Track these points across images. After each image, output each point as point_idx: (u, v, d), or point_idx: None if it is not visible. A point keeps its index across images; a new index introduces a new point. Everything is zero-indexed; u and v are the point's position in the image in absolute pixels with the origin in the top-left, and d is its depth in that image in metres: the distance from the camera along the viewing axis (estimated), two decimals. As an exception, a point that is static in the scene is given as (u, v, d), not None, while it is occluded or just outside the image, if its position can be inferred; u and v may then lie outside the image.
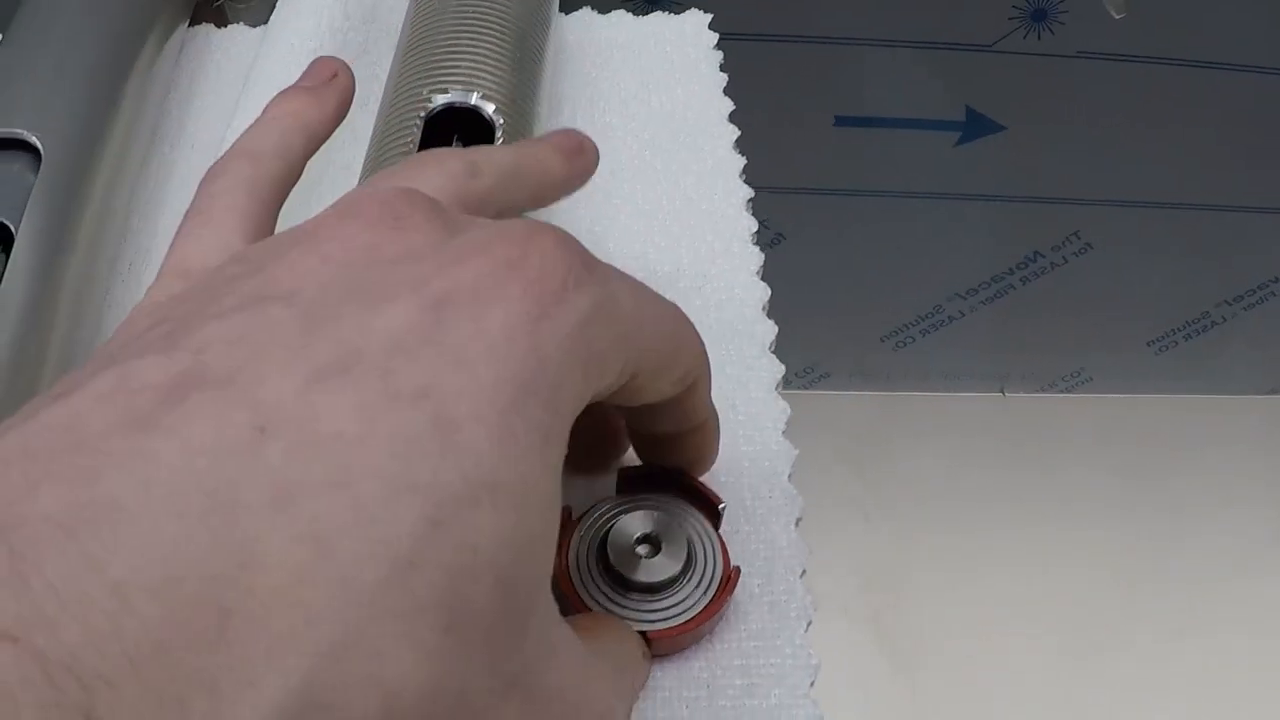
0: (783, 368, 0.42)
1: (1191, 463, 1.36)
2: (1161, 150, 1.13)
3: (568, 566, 0.33)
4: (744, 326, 0.42)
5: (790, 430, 0.42)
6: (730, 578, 0.33)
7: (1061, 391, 1.38)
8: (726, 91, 0.51)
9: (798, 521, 0.39)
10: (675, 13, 0.56)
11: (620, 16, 0.55)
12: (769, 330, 0.42)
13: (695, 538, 0.34)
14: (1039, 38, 1.02)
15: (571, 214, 0.45)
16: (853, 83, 1.03)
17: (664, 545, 0.33)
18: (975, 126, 1.08)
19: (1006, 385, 1.37)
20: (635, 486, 0.35)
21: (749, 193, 0.47)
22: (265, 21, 0.51)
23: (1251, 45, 1.05)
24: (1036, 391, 1.38)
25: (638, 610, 0.33)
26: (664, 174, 0.47)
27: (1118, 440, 1.36)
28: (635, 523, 0.34)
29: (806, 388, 1.27)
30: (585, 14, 0.55)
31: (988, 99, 1.07)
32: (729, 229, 0.45)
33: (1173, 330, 1.33)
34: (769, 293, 0.44)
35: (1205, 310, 1.31)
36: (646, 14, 0.56)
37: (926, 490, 1.26)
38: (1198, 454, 1.37)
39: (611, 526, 0.34)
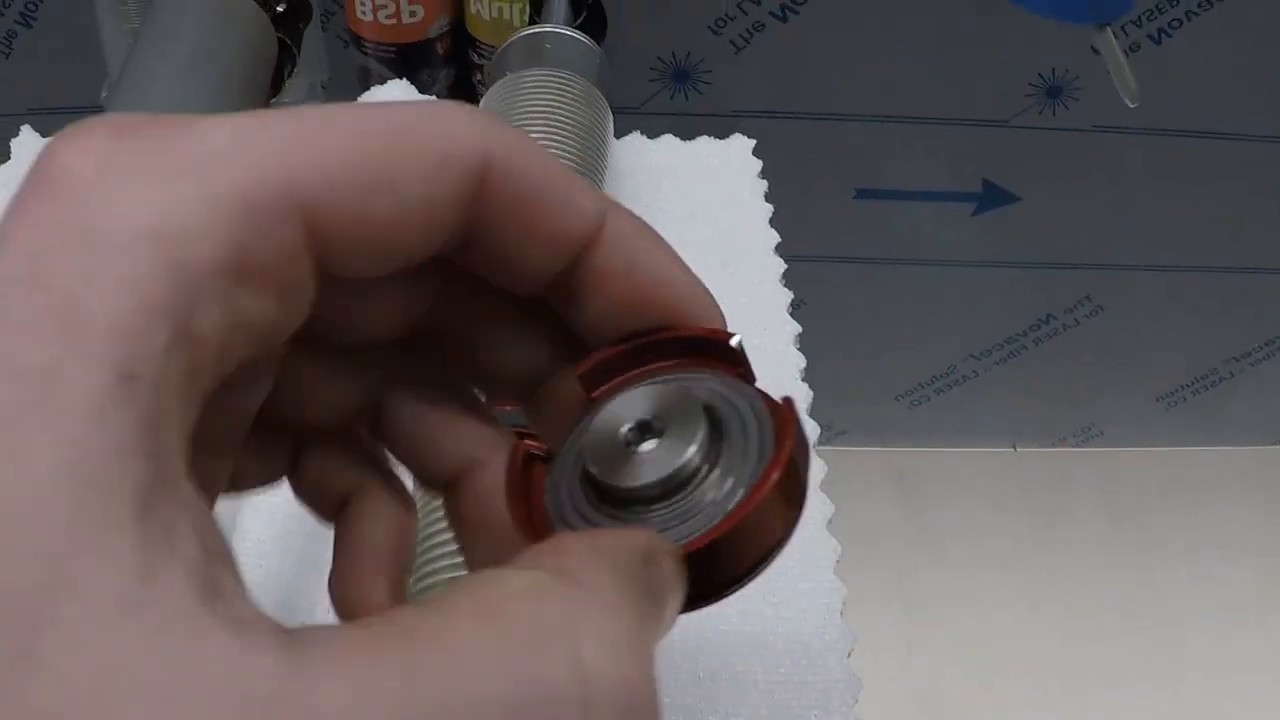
0: (832, 506, 0.45)
1: (1200, 512, 1.39)
2: (1170, 215, 1.16)
3: (546, 516, 0.24)
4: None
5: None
6: (785, 414, 0.22)
7: (1072, 446, 1.41)
8: (768, 213, 0.55)
9: (849, 654, 0.42)
10: (720, 137, 0.59)
11: (669, 142, 0.58)
12: (819, 468, 0.45)
13: (714, 396, 0.24)
14: (1054, 113, 1.05)
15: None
16: (873, 157, 1.07)
17: (670, 423, 0.23)
18: (992, 197, 1.11)
19: (1018, 441, 1.40)
20: (609, 377, 0.25)
21: (797, 328, 0.50)
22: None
23: (1253, 115, 1.09)
24: (1047, 446, 1.41)
25: (666, 522, 0.22)
26: (716, 307, 0.50)
27: (1127, 492, 1.39)
28: (618, 413, 0.24)
29: (824, 444, 1.30)
30: (636, 139, 0.58)
31: (1004, 171, 1.10)
32: (779, 365, 0.48)
33: (1181, 386, 1.36)
34: (819, 430, 0.47)
35: (1213, 366, 1.34)
36: (693, 138, 0.59)
37: (939, 542, 1.29)
38: (1206, 503, 1.40)
39: (585, 434, 0.24)
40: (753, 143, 0.58)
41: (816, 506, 0.45)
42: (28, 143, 0.58)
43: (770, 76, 0.99)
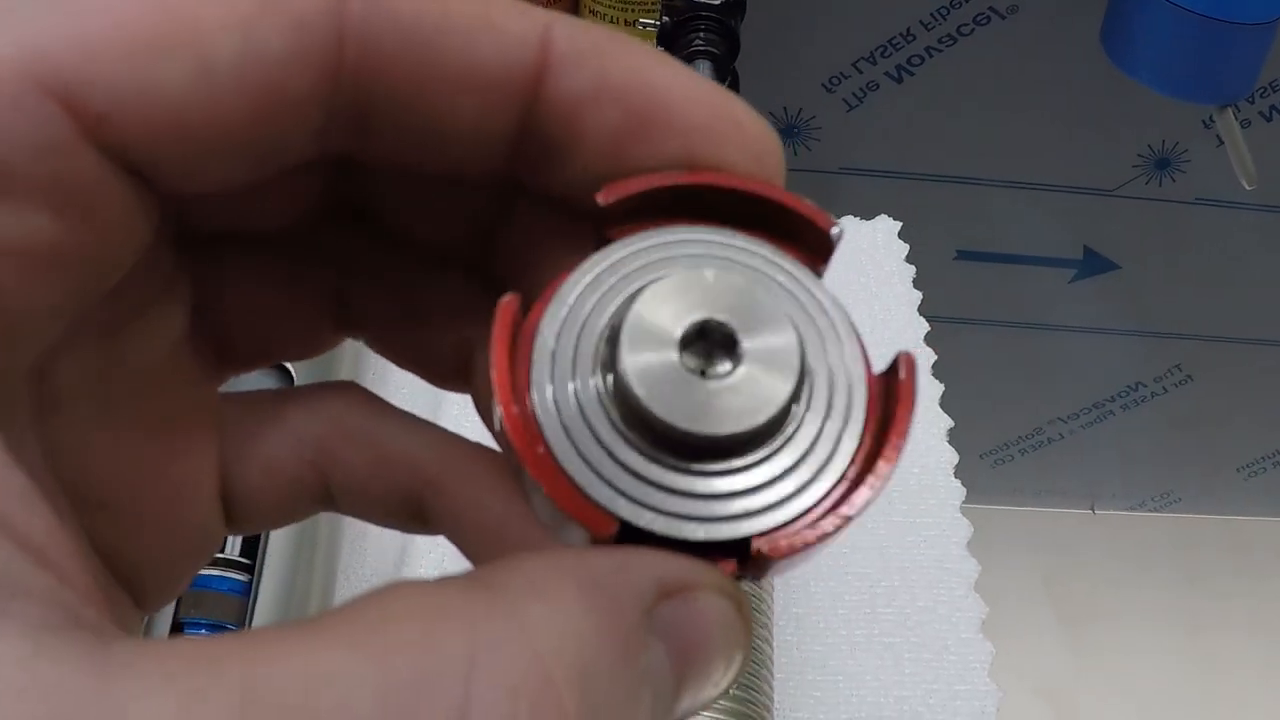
0: (986, 608, 0.45)
1: (1273, 582, 1.38)
2: (1263, 290, 1.15)
3: (538, 422, 0.16)
4: (952, 565, 0.45)
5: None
6: (903, 376, 0.16)
7: (1150, 510, 1.40)
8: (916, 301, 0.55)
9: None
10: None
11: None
12: (974, 569, 0.46)
13: (798, 311, 0.17)
14: (1160, 184, 1.05)
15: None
16: (976, 219, 1.07)
17: (746, 336, 0.16)
18: (1091, 264, 1.11)
19: (1097, 503, 1.39)
20: (639, 218, 0.18)
21: (949, 422, 0.50)
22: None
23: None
24: (1125, 509, 1.40)
25: (707, 498, 0.16)
26: (869, 398, 0.50)
27: (1202, 557, 1.38)
28: (672, 300, 0.16)
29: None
30: (782, 217, 0.59)
31: (1105, 239, 1.10)
32: (934, 462, 0.48)
33: (1263, 457, 1.36)
34: (971, 530, 0.47)
35: (1297, 439, 1.34)
36: (838, 217, 0.59)
37: (1013, 597, 1.29)
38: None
39: (625, 314, 0.16)
40: (898, 225, 0.58)
41: (971, 609, 0.45)
42: None
43: (879, 136, 1.00)
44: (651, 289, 0.16)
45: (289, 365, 0.49)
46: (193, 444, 0.21)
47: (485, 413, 0.21)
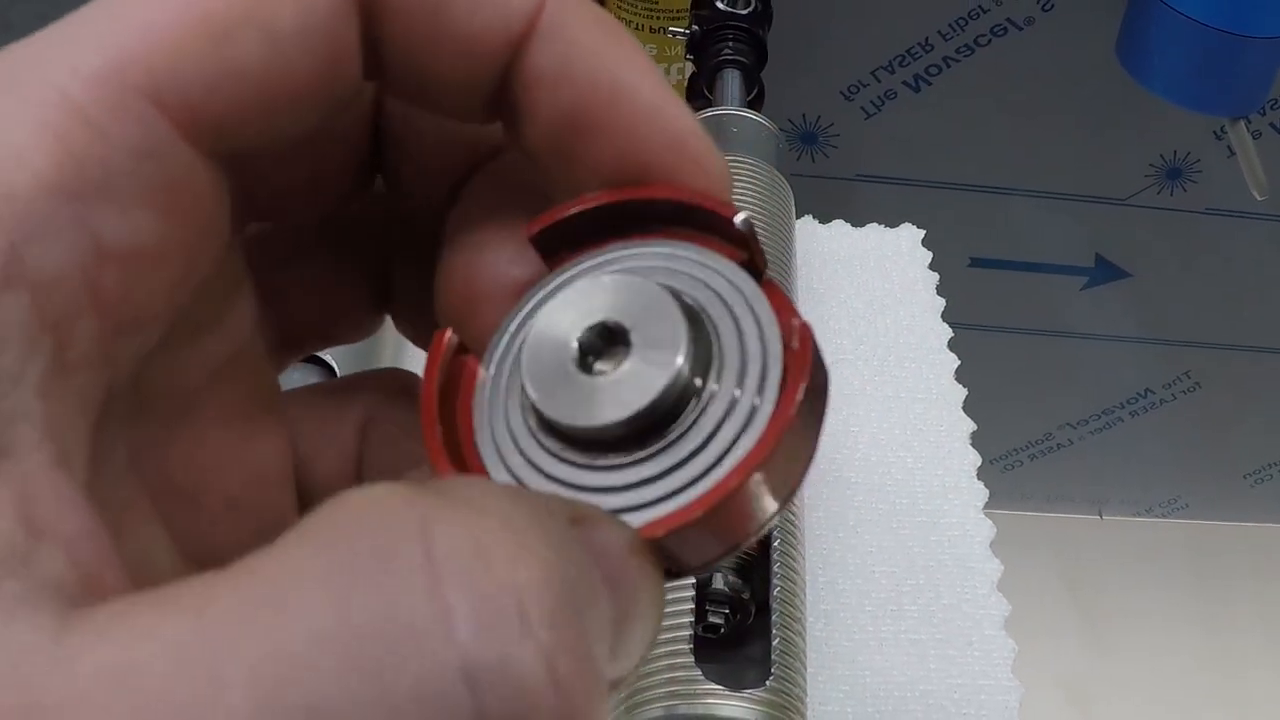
0: (1009, 606, 0.47)
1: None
2: (1276, 299, 1.17)
3: (475, 451, 0.18)
4: (975, 564, 0.47)
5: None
6: (798, 348, 0.17)
7: (1158, 516, 1.41)
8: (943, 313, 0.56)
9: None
10: (889, 225, 0.61)
11: (840, 228, 0.60)
12: (996, 569, 0.47)
13: (704, 300, 0.18)
14: (1171, 194, 1.06)
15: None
16: (990, 227, 1.08)
17: (641, 330, 0.17)
18: (1103, 272, 1.12)
19: (1104, 509, 1.40)
20: (576, 243, 0.19)
21: (971, 425, 0.51)
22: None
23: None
24: (1133, 515, 1.41)
25: (614, 486, 0.17)
26: (895, 402, 0.52)
27: (1210, 563, 1.39)
28: (568, 312, 0.18)
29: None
30: (808, 224, 0.60)
31: (1117, 247, 1.11)
32: (956, 464, 0.50)
33: (1271, 464, 1.37)
34: (995, 530, 0.49)
35: (1304, 446, 1.35)
36: (863, 225, 0.61)
37: (1033, 597, 1.30)
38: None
39: (528, 333, 0.18)
40: (922, 233, 0.60)
41: (994, 607, 0.47)
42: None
43: (896, 143, 1.01)
44: (551, 302, 0.18)
45: (331, 361, 0.50)
46: (265, 431, 0.22)
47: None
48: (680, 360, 0.17)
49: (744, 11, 0.65)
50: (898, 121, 0.99)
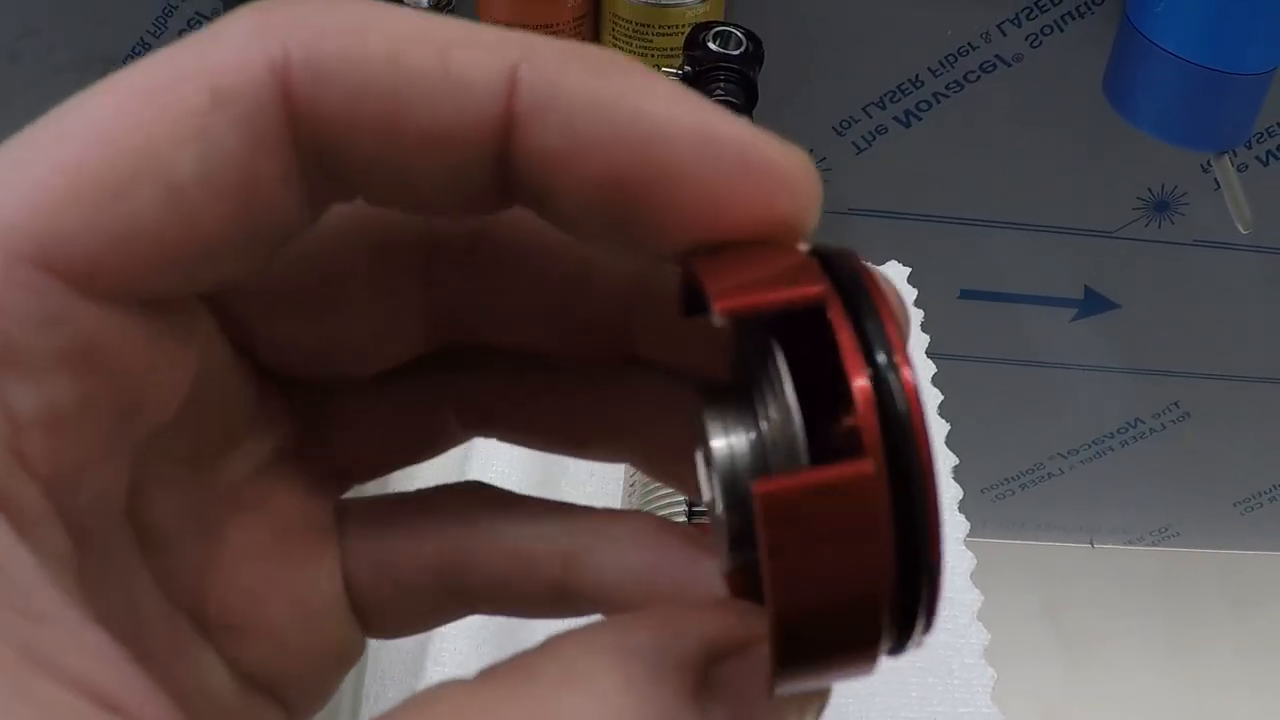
0: (989, 635, 0.48)
1: (1269, 615, 1.40)
2: (1260, 329, 1.18)
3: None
4: (956, 595, 0.48)
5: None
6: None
7: (1149, 545, 1.42)
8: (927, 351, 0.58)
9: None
10: (881, 258, 0.62)
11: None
12: (977, 599, 0.48)
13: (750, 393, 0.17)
14: (1159, 226, 1.08)
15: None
16: (979, 259, 1.10)
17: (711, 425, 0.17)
18: (1092, 304, 1.14)
19: (1095, 537, 1.41)
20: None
21: (954, 459, 0.52)
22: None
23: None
24: (1124, 544, 1.42)
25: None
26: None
27: (1199, 591, 1.40)
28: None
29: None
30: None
31: (1105, 279, 1.13)
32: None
33: (1259, 493, 1.38)
34: (975, 561, 0.50)
35: (1292, 475, 1.36)
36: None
37: (1014, 625, 1.31)
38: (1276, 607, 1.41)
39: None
40: (907, 270, 0.61)
41: (974, 636, 0.48)
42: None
43: (887, 178, 1.02)
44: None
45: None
46: (310, 556, 0.21)
47: (659, 470, 0.21)
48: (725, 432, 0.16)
49: (735, 52, 0.66)
50: (889, 156, 1.00)
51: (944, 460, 0.52)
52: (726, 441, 0.16)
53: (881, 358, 0.15)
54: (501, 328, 0.20)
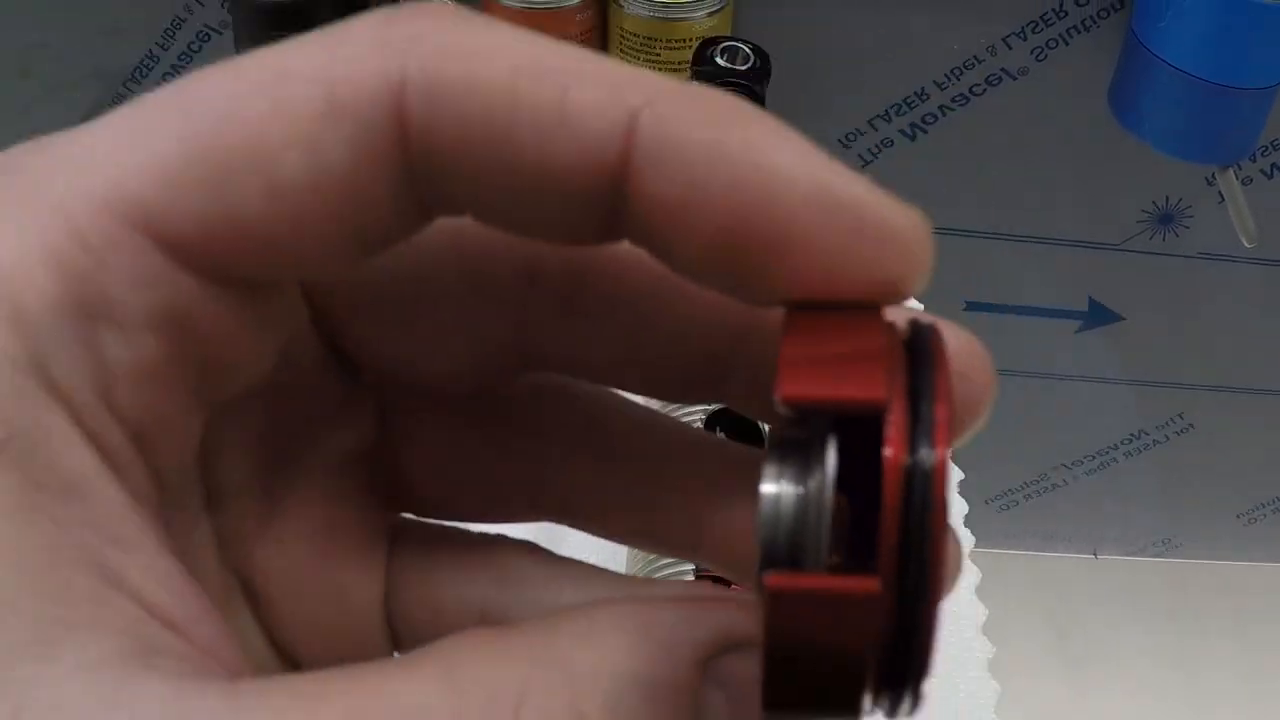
0: (993, 649, 0.48)
1: (1271, 626, 1.41)
2: (1265, 341, 1.19)
3: None
4: (961, 609, 0.48)
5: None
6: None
7: (1151, 556, 1.43)
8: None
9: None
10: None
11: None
12: (982, 613, 0.49)
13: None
14: (1164, 239, 1.08)
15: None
16: (985, 271, 1.10)
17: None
18: (1097, 316, 1.14)
19: (1099, 548, 1.42)
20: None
21: (959, 475, 0.53)
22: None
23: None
24: (1128, 555, 1.43)
25: None
26: (886, 450, 0.53)
27: (1202, 602, 1.40)
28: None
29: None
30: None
31: (1110, 291, 1.13)
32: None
33: (1263, 504, 1.38)
34: (980, 575, 0.50)
35: (1296, 487, 1.37)
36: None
37: (1019, 638, 1.31)
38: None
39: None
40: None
41: (979, 650, 0.48)
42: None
43: (893, 190, 1.03)
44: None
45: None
46: (356, 560, 0.22)
47: (732, 570, 0.21)
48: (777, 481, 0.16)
49: (743, 68, 0.67)
50: (895, 169, 1.01)
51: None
52: (777, 491, 0.16)
53: (921, 462, 0.15)
54: (594, 369, 0.21)
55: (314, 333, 0.20)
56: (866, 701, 0.16)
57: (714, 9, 0.76)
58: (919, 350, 0.17)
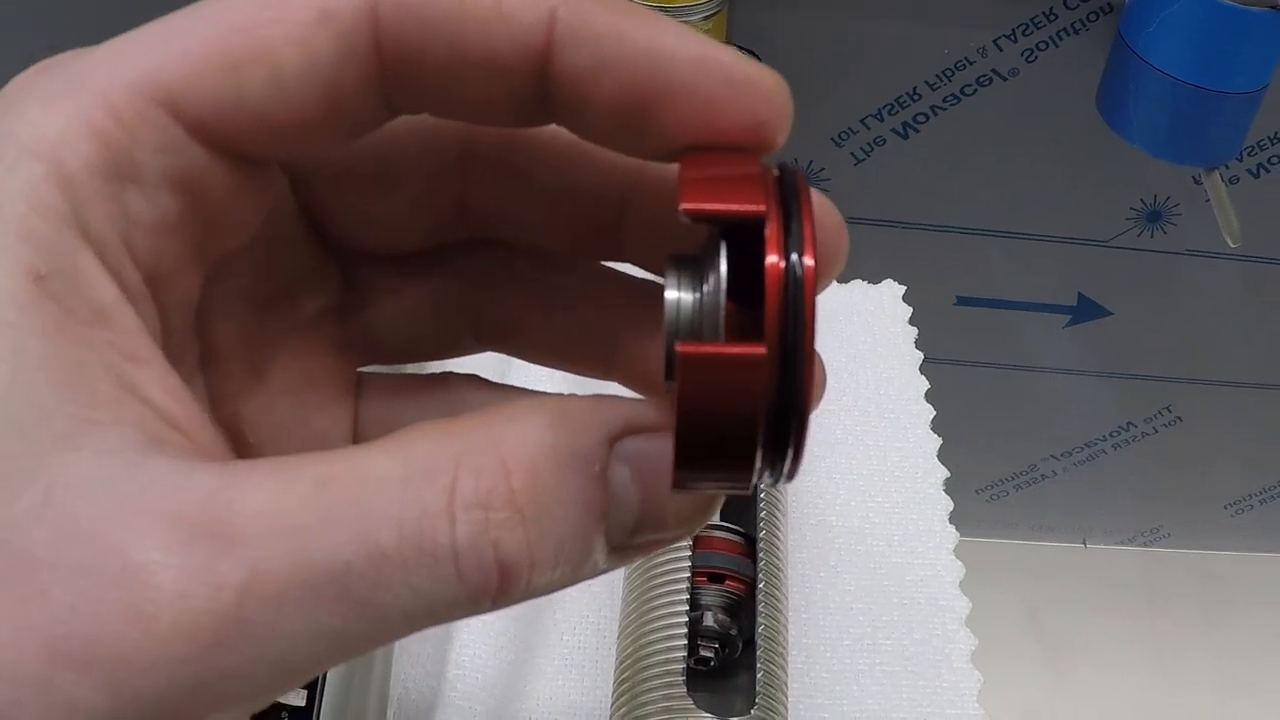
0: (976, 640, 0.50)
1: (1257, 615, 1.42)
2: (1250, 336, 1.21)
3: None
4: (945, 602, 0.51)
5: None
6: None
7: (1140, 545, 1.45)
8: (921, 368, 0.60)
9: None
10: (879, 265, 0.65)
11: (826, 283, 0.63)
12: (965, 606, 0.51)
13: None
14: (1152, 236, 1.10)
15: (799, 483, 0.53)
16: (976, 267, 1.12)
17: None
18: (1085, 311, 1.16)
19: (1088, 538, 1.44)
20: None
21: (945, 473, 0.55)
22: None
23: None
24: (1116, 544, 1.45)
25: None
26: (874, 450, 0.55)
27: (1190, 591, 1.42)
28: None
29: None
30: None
31: (1098, 287, 1.15)
32: (930, 509, 0.53)
33: (1249, 495, 1.40)
34: (964, 570, 0.52)
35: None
36: (847, 281, 0.65)
37: (1003, 630, 1.33)
38: (1265, 607, 1.43)
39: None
40: (903, 289, 0.63)
41: (963, 642, 0.50)
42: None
43: (885, 188, 1.05)
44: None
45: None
46: (329, 409, 0.26)
47: (640, 386, 0.26)
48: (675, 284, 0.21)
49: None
50: (887, 167, 1.03)
51: (936, 474, 0.54)
52: (678, 295, 0.20)
53: (794, 265, 0.19)
54: (520, 224, 0.25)
55: (292, 204, 0.24)
56: (758, 461, 0.20)
57: (709, 13, 0.78)
58: (787, 184, 0.20)
